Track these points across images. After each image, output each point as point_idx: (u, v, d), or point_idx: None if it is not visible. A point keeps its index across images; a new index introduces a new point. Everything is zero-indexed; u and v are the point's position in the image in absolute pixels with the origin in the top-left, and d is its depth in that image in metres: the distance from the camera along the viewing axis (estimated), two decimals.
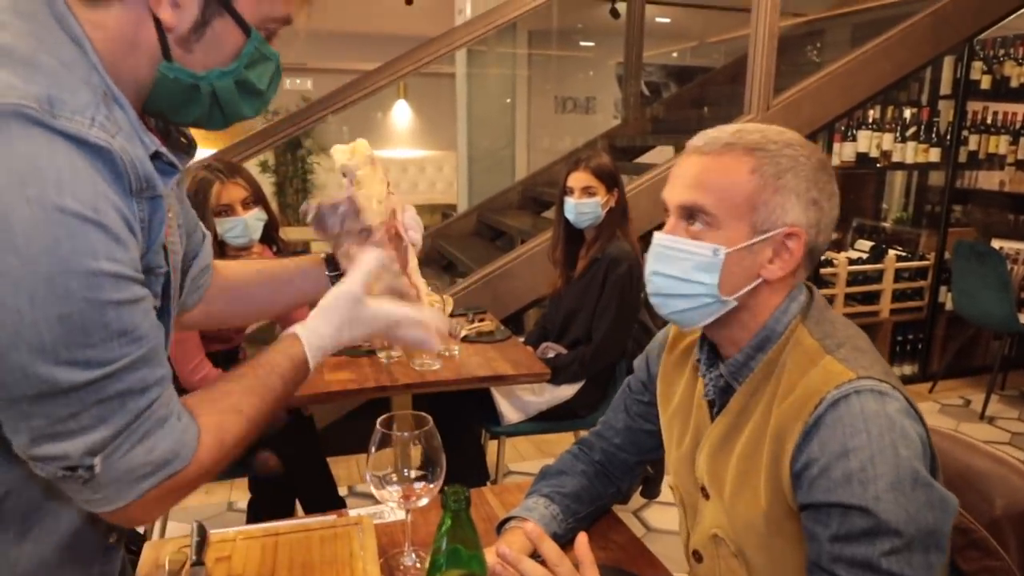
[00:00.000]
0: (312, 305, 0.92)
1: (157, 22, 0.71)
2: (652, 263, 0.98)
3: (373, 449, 1.02)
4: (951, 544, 0.92)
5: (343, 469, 3.01)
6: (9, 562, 0.76)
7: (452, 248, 4.17)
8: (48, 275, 0.61)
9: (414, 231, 1.03)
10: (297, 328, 0.87)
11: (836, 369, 0.88)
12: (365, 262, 0.92)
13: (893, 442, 0.82)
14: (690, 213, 0.94)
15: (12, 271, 0.60)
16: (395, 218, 1.01)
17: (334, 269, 1.05)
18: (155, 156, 0.73)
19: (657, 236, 0.97)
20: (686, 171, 0.95)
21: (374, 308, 0.91)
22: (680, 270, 0.94)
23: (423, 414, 1.04)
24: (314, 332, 0.87)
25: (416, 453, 1.02)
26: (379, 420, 1.02)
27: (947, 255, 4.13)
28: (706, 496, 1.04)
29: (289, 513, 2.31)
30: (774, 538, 0.93)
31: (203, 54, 0.75)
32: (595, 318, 2.46)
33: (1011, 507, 1.03)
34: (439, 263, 4.35)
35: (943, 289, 4.20)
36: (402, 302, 0.95)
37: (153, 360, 0.70)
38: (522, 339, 2.65)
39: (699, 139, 0.96)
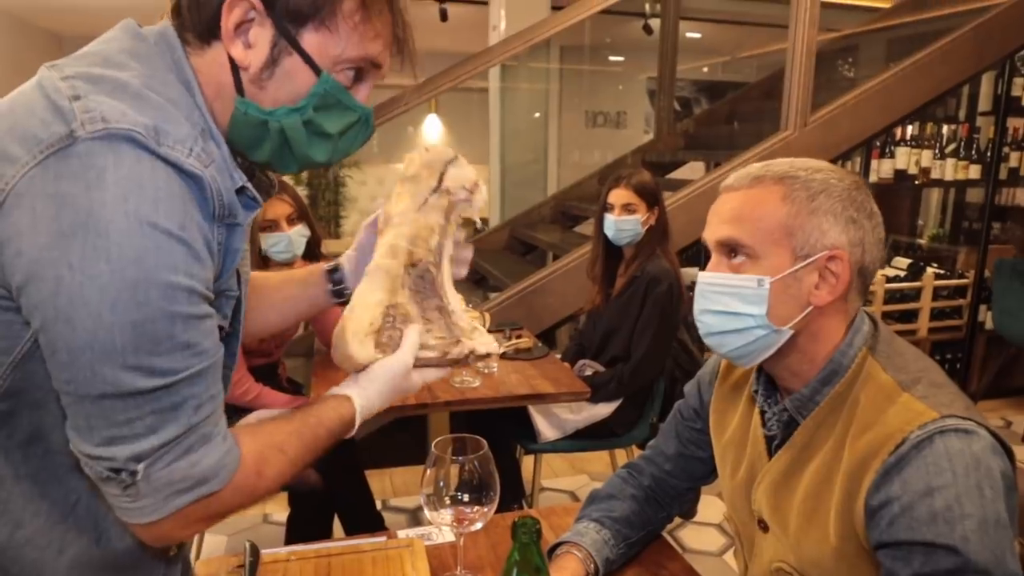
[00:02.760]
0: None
1: (232, 61, 0.77)
2: (699, 302, 0.98)
3: (427, 472, 1.02)
4: None
5: (376, 483, 3.00)
6: (92, 561, 0.80)
7: (484, 262, 4.17)
8: (133, 282, 0.65)
9: (461, 267, 1.03)
10: (352, 391, 0.92)
11: (917, 408, 0.86)
12: (411, 339, 0.95)
13: (979, 482, 0.80)
14: (729, 248, 0.95)
15: (101, 276, 0.64)
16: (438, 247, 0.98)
17: (336, 281, 1.09)
18: (240, 190, 0.79)
19: (701, 275, 0.97)
20: (720, 209, 0.97)
21: (417, 378, 0.97)
22: (728, 305, 0.94)
23: (478, 438, 1.04)
24: (366, 399, 0.93)
25: (470, 477, 1.02)
26: (434, 443, 1.03)
27: (987, 273, 4.06)
28: (764, 528, 1.03)
29: (328, 528, 2.31)
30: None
31: (274, 92, 0.78)
32: (635, 336, 2.44)
33: None
34: (471, 277, 4.35)
35: (983, 308, 4.12)
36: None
37: (210, 377, 0.74)
38: (558, 355, 2.64)
39: (729, 178, 0.98)
